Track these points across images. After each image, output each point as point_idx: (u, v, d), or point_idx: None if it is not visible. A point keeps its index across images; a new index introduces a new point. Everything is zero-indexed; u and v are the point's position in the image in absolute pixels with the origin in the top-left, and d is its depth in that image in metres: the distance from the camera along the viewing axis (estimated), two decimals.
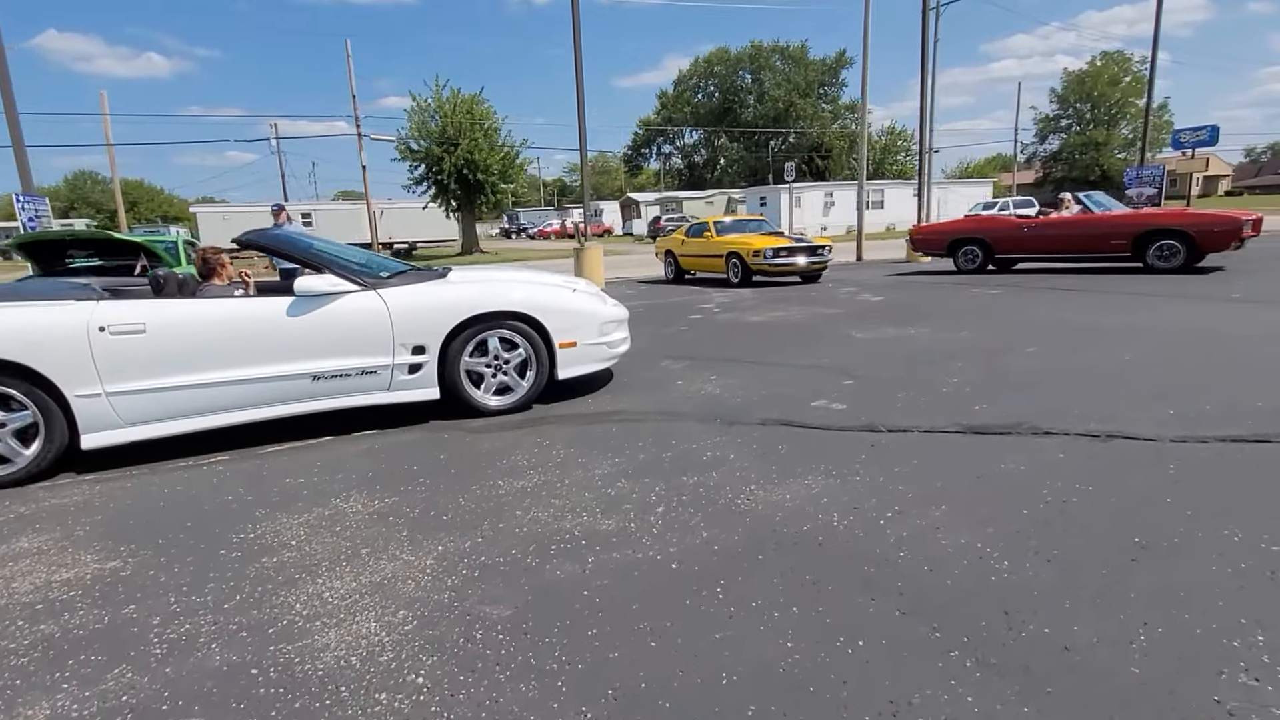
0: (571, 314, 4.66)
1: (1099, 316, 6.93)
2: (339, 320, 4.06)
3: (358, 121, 24.73)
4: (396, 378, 4.22)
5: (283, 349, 3.96)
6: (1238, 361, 4.79)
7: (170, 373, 3.73)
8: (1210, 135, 48.15)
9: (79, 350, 3.54)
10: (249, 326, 3.92)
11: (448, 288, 4.43)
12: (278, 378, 3.95)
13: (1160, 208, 20.06)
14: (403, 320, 4.17)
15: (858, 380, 4.88)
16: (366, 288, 4.17)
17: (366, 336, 4.11)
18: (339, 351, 4.06)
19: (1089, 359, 5.07)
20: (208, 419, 3.87)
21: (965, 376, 4.79)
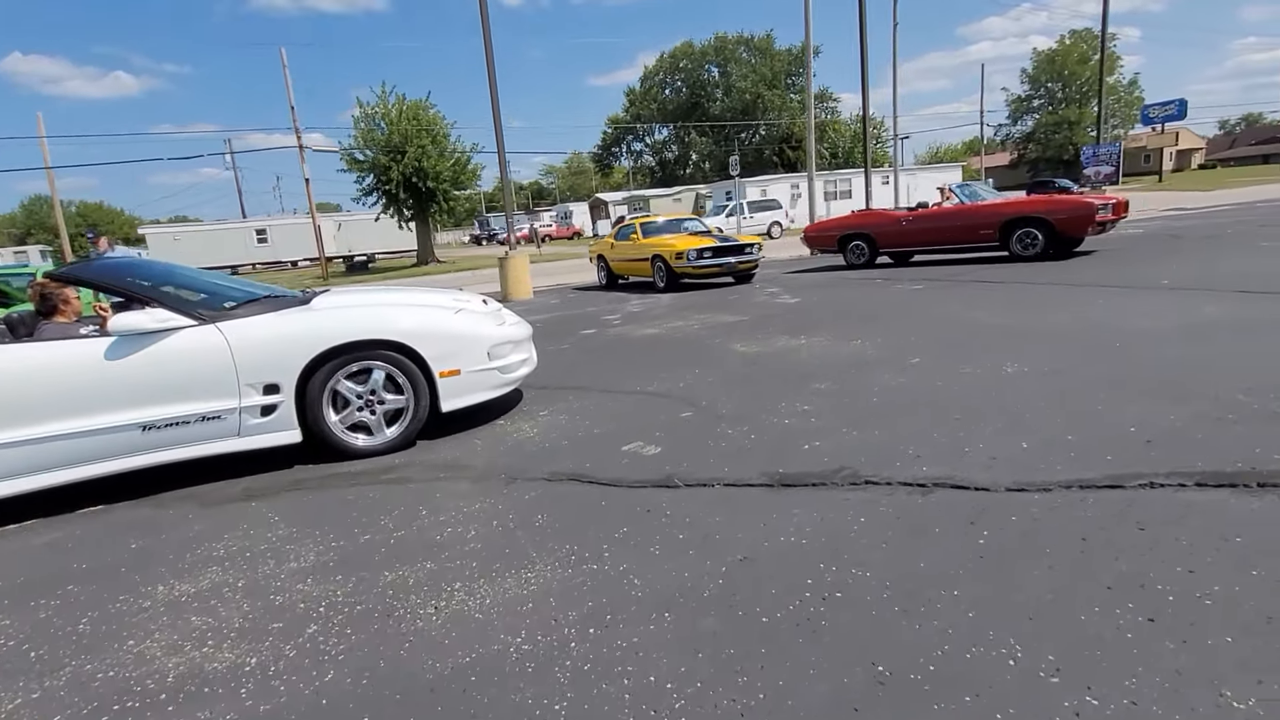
0: (452, 338, 4.18)
1: (1009, 313, 6.31)
2: (169, 361, 3.58)
3: (298, 133, 23.99)
4: (247, 421, 3.73)
5: (103, 397, 3.47)
6: (1130, 368, 4.17)
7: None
8: (1179, 109, 48.07)
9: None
10: (61, 374, 3.44)
11: (304, 316, 3.95)
12: (99, 430, 3.45)
13: (1102, 191, 19.51)
14: (248, 356, 3.69)
15: (697, 412, 4.23)
16: (203, 321, 3.70)
17: (204, 377, 3.63)
18: (171, 396, 3.57)
19: (967, 374, 4.44)
20: (16, 483, 3.37)
21: (819, 403, 4.15)
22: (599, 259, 13.94)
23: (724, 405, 4.30)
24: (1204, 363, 4.17)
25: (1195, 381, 3.82)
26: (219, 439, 3.72)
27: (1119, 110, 64.57)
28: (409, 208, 26.91)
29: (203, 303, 3.93)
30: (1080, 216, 9.89)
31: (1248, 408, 3.35)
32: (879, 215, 12.54)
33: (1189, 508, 2.45)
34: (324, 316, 3.99)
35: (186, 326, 3.65)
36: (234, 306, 3.98)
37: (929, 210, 11.73)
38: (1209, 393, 3.61)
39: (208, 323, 3.72)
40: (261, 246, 32.55)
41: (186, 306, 3.77)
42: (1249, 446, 2.89)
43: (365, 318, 4.04)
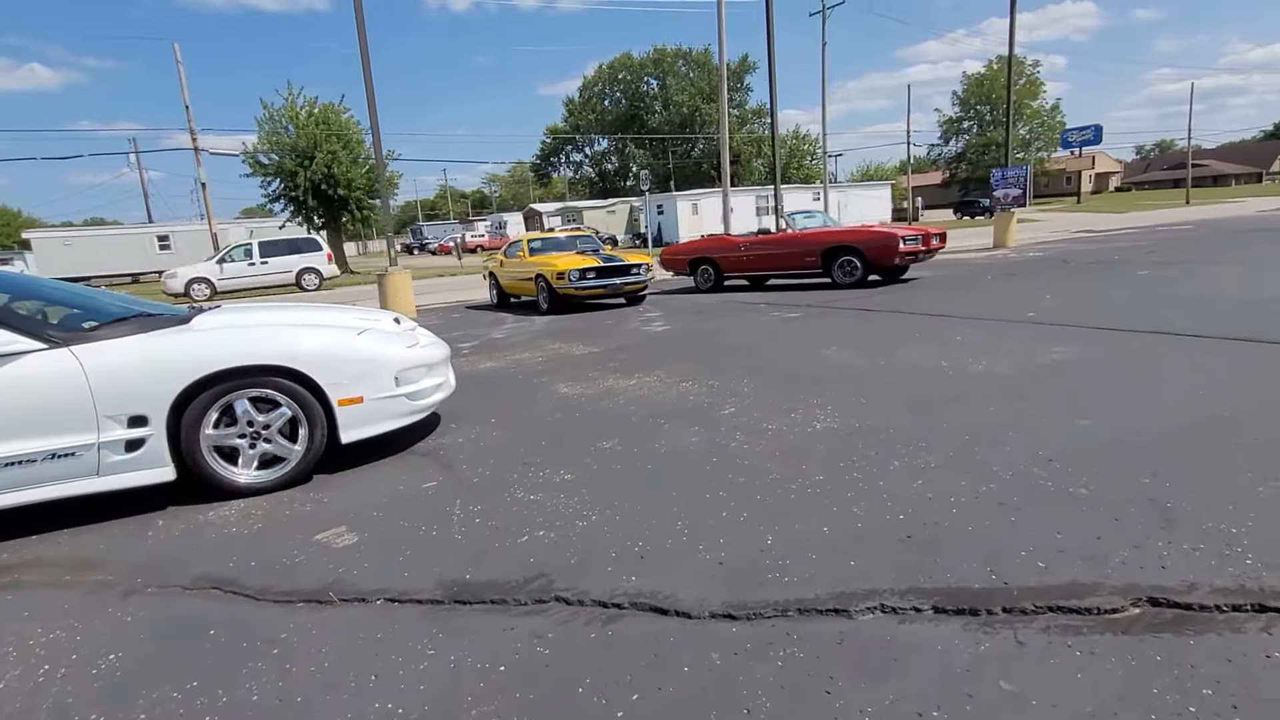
0: (352, 363, 3.77)
1: (861, 350, 5.85)
2: (8, 389, 3.10)
3: (193, 134, 22.57)
4: (107, 459, 3.25)
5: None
6: (939, 425, 3.70)
7: None
8: (1095, 135, 49.95)
9: None
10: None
11: (180, 338, 3.51)
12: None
13: (1009, 212, 19.69)
14: (108, 384, 3.22)
15: (444, 480, 3.57)
16: (54, 344, 3.20)
17: (52, 408, 3.16)
18: (11, 431, 3.09)
19: (770, 431, 3.92)
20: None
21: (587, 470, 3.54)
22: (490, 277, 13.21)
23: (481, 471, 3.65)
24: (1020, 420, 3.73)
25: (999, 446, 3.35)
26: (73, 479, 3.23)
27: (1042, 134, 67.10)
28: (319, 215, 25.61)
29: (57, 323, 3.49)
30: (884, 247, 10.30)
31: (1040, 486, 2.87)
32: (721, 241, 12.79)
33: (907, 649, 1.90)
34: (204, 338, 3.54)
35: (32, 350, 3.16)
36: (95, 327, 3.47)
37: (763, 237, 12.05)
38: (1008, 462, 3.15)
39: (60, 345, 3.22)
40: (164, 254, 30.59)
41: (33, 326, 3.29)
42: (1016, 547, 2.39)
43: (254, 340, 3.62)
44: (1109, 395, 4.10)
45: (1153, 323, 6.10)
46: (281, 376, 3.55)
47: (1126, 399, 4.00)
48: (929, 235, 10.76)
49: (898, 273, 11.44)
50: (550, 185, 71.93)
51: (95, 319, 3.63)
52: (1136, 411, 3.76)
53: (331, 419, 3.69)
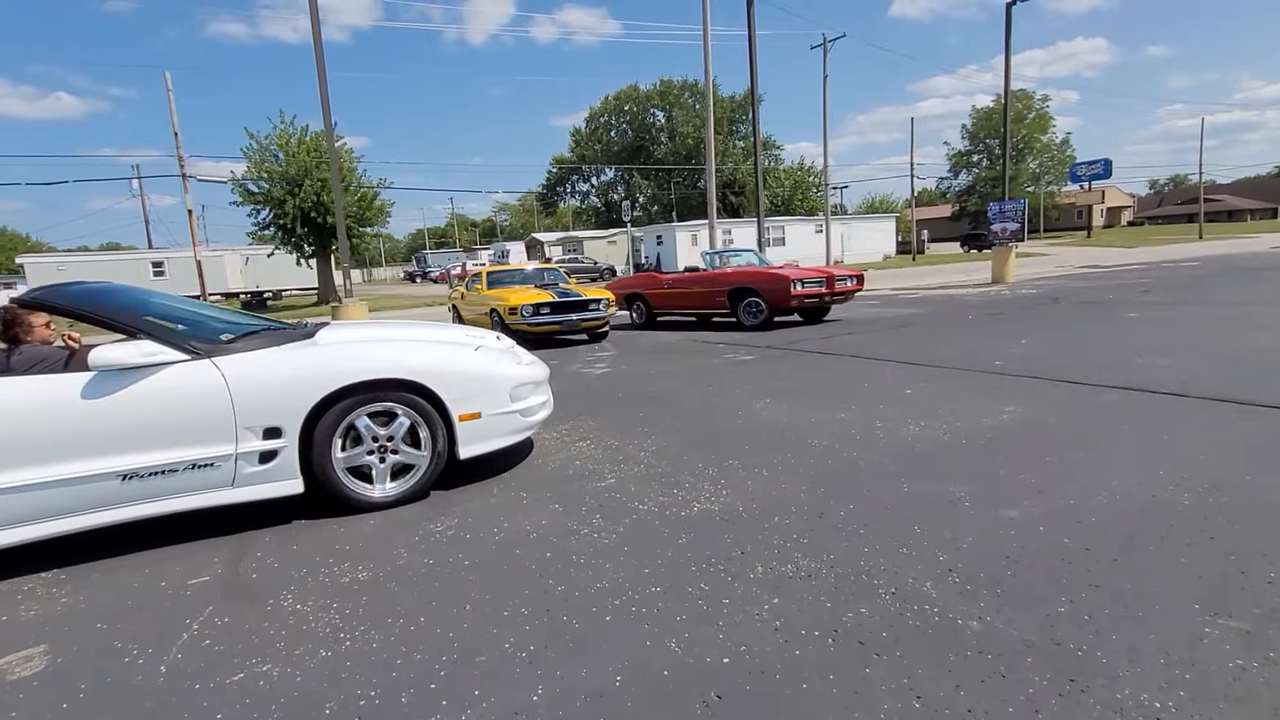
0: (472, 378, 3.78)
1: (798, 403, 5.20)
2: (157, 400, 3.10)
3: (181, 161, 22.44)
4: (243, 470, 3.27)
5: (76, 442, 2.98)
6: (827, 525, 3.04)
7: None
8: (1104, 169, 49.41)
9: None
10: (26, 414, 2.94)
11: (311, 352, 3.51)
12: (67, 481, 2.95)
13: (1011, 246, 19.04)
14: (248, 396, 3.24)
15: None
16: (197, 355, 3.24)
17: (197, 419, 3.17)
18: (158, 441, 3.09)
19: (633, 517, 3.28)
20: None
21: (377, 568, 2.89)
22: (452, 309, 12.71)
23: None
24: (934, 507, 3.06)
25: (896, 547, 2.69)
26: (210, 490, 3.25)
27: (1052, 168, 66.67)
28: (309, 243, 25.38)
29: (195, 335, 3.43)
30: (777, 290, 9.94)
31: (923, 615, 2.21)
32: (650, 278, 12.59)
33: None
34: (335, 351, 3.56)
35: (178, 361, 3.18)
36: (231, 339, 3.49)
37: (683, 275, 11.92)
38: (898, 572, 2.49)
39: (202, 356, 3.25)
40: (159, 279, 30.48)
41: (178, 339, 3.29)
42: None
43: (379, 354, 3.64)
44: (1049, 471, 3.42)
45: (1127, 376, 5.41)
46: (409, 391, 3.56)
47: (1068, 477, 3.33)
48: (833, 278, 10.21)
49: (817, 314, 11.01)
50: (557, 215, 72.09)
51: (228, 331, 3.63)
52: (1076, 496, 3.09)
53: (452, 434, 3.69)
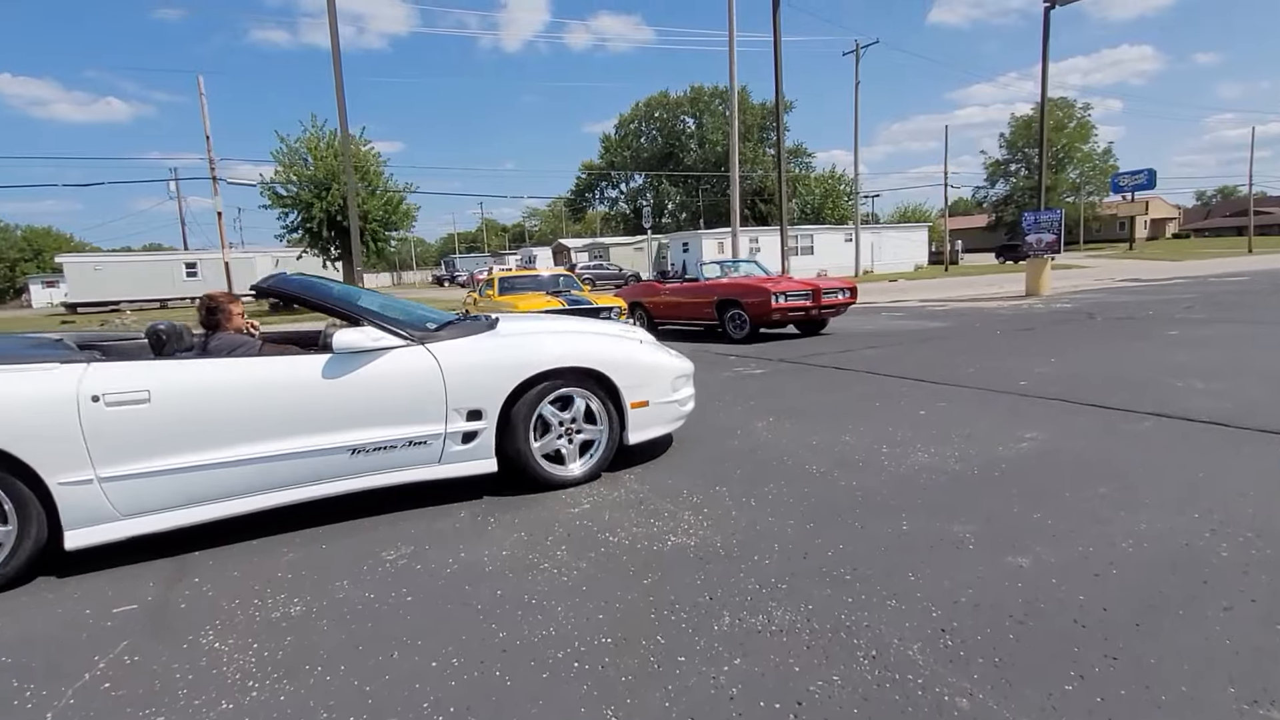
0: (643, 369, 4.06)
1: (806, 425, 4.88)
2: (384, 381, 3.40)
3: (211, 164, 22.82)
4: (449, 448, 3.56)
5: (317, 418, 3.27)
6: (828, 550, 2.73)
7: (179, 451, 3.01)
8: (1148, 179, 47.98)
9: (66, 426, 2.81)
10: (276, 391, 3.22)
11: (506, 340, 3.81)
12: (309, 453, 3.24)
13: (1048, 258, 18.36)
14: (458, 380, 3.52)
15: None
16: (413, 341, 3.53)
17: (416, 400, 3.46)
18: (383, 419, 3.39)
19: (601, 552, 2.99)
20: (225, 506, 3.15)
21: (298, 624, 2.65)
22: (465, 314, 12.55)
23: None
24: (934, 550, 2.74)
25: (885, 599, 2.38)
26: (420, 466, 3.55)
27: (1093, 178, 64.88)
28: (335, 246, 25.61)
29: (408, 323, 3.68)
30: (758, 303, 9.74)
31: (903, 688, 1.90)
32: (648, 287, 12.57)
33: None
34: (524, 341, 3.83)
35: (398, 346, 3.48)
36: (437, 328, 3.76)
37: (679, 285, 11.85)
38: (883, 632, 2.18)
39: (417, 343, 3.54)
40: (191, 280, 31.07)
41: (397, 325, 3.56)
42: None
43: (566, 344, 3.88)
44: (1068, 511, 3.07)
45: (1163, 400, 4.99)
46: (590, 379, 3.84)
47: (1089, 518, 2.97)
48: (819, 291, 9.90)
49: (813, 326, 10.70)
50: (585, 221, 72.19)
51: (431, 320, 3.89)
52: (1096, 541, 2.74)
53: (624, 420, 3.95)
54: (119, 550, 3.14)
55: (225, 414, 3.12)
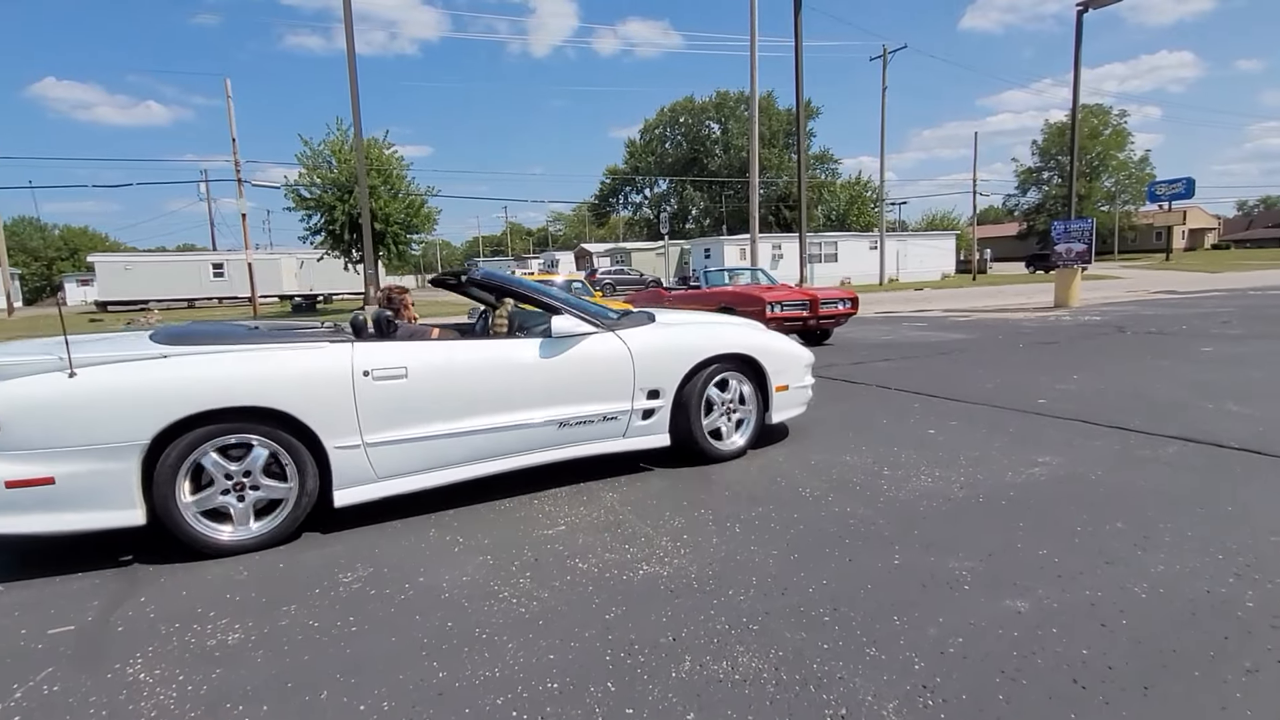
0: (784, 355, 4.54)
1: (807, 444, 4.63)
2: (587, 363, 3.84)
3: (237, 166, 23.13)
4: (632, 424, 4.00)
5: (535, 394, 3.70)
6: (810, 586, 2.52)
7: (427, 421, 3.42)
8: (1186, 188, 46.82)
9: (343, 397, 3.20)
10: (505, 370, 3.66)
11: (677, 330, 4.27)
12: (527, 425, 3.67)
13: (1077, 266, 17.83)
14: (644, 363, 3.97)
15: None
16: (606, 329, 3.98)
17: (611, 380, 3.90)
18: (586, 396, 3.83)
19: (567, 580, 2.80)
20: (455, 471, 3.55)
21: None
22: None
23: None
24: (925, 589, 2.50)
25: (861, 649, 2.16)
26: (609, 439, 3.95)
27: (1129, 186, 63.36)
28: (356, 249, 25.76)
29: (596, 313, 4.09)
30: (751, 312, 9.59)
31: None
32: (656, 294, 12.77)
33: None
34: (698, 329, 4.33)
35: (594, 333, 3.90)
36: (618, 318, 4.19)
37: (683, 292, 11.96)
38: (850, 690, 1.95)
39: (608, 330, 3.97)
40: (218, 281, 31.55)
41: (591, 315, 4.00)
42: None
43: (727, 334, 4.35)
44: (1078, 547, 2.81)
45: (1191, 423, 4.68)
46: (745, 364, 4.31)
47: (1101, 556, 2.71)
48: (817, 301, 9.85)
49: (814, 337, 10.54)
50: (609, 225, 72.20)
51: (610, 312, 4.30)
52: (1106, 584, 2.48)
53: (768, 401, 4.41)
54: (74, 558, 3.03)
55: (464, 390, 3.52)
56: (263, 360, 3.13)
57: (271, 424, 3.07)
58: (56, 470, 2.78)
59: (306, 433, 3.13)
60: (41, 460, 2.77)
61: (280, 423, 3.09)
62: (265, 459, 3.09)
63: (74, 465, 2.80)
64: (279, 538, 3.15)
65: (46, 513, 2.82)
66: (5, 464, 2.74)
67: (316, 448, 3.18)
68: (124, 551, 3.17)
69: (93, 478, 2.84)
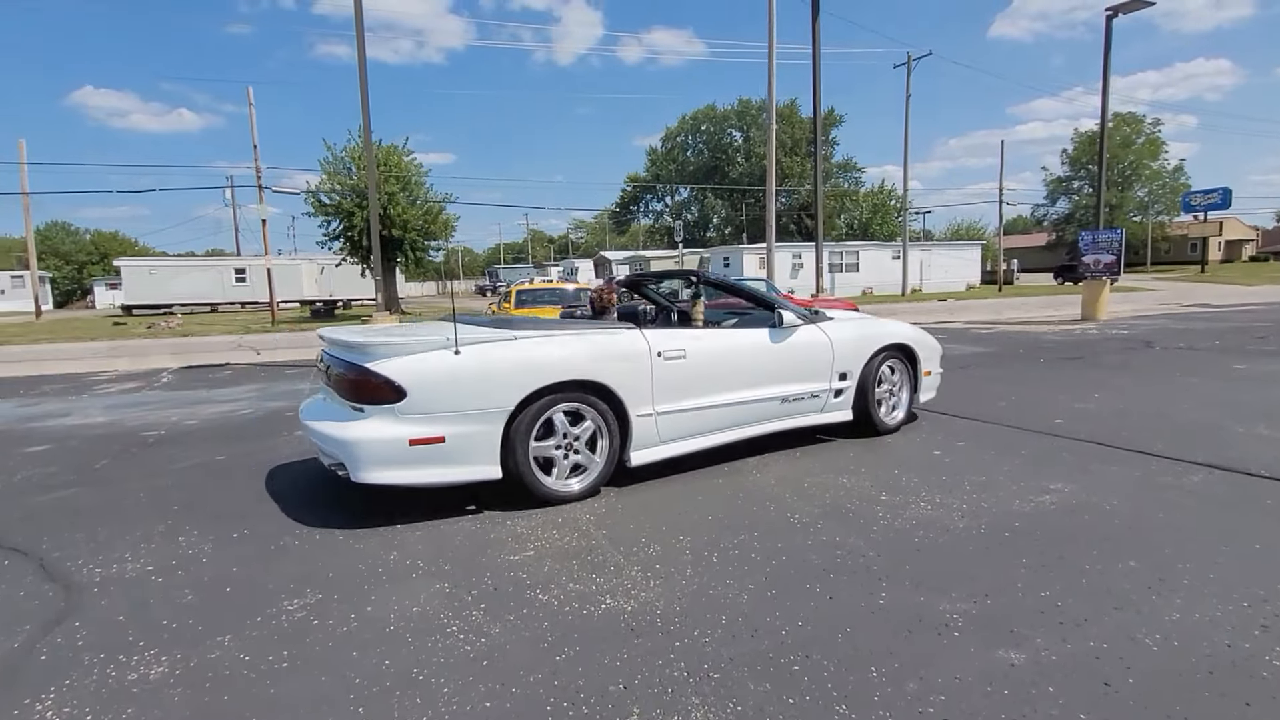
0: (929, 346, 5.39)
1: (805, 462, 4.39)
2: (802, 349, 4.61)
3: (258, 173, 23.39)
4: (828, 401, 4.77)
5: (768, 374, 4.43)
6: (784, 627, 2.29)
7: (697, 395, 4.07)
8: (1223, 199, 45.63)
9: (644, 373, 3.85)
10: (750, 353, 4.39)
11: (856, 323, 5.11)
12: (762, 400, 4.39)
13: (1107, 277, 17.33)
14: (840, 350, 4.74)
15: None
16: (810, 322, 4.73)
17: (818, 364, 4.66)
18: (801, 377, 4.59)
19: (522, 616, 2.59)
20: (707, 438, 4.18)
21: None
22: None
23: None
24: (911, 637, 2.27)
25: (830, 707, 1.92)
26: (811, 414, 4.73)
27: (1162, 196, 61.88)
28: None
29: (798, 310, 4.81)
30: None
31: None
32: None
33: None
34: (873, 322, 5.21)
35: (804, 325, 4.69)
36: (814, 313, 4.94)
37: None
38: None
39: (813, 323, 4.75)
40: (240, 286, 31.94)
41: (797, 310, 4.77)
42: None
43: (892, 328, 5.20)
44: (1085, 588, 2.55)
45: (1219, 449, 4.36)
46: (903, 353, 5.17)
47: (1110, 599, 2.45)
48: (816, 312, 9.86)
49: None
50: (629, 233, 72.16)
51: (804, 309, 4.97)
52: (1114, 634, 2.22)
53: (916, 385, 5.27)
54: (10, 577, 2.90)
55: (723, 369, 4.22)
56: (591, 342, 3.78)
57: (594, 394, 3.70)
58: (447, 431, 3.34)
59: (616, 402, 3.76)
60: (436, 422, 3.33)
61: (600, 393, 3.71)
62: (591, 432, 3.74)
63: (459, 427, 3.36)
64: (590, 491, 3.76)
65: (437, 467, 3.37)
66: (410, 425, 3.29)
67: (621, 416, 3.81)
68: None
69: (471, 438, 3.40)
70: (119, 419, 6.82)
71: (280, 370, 10.78)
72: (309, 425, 3.67)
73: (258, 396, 8.07)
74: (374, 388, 3.30)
